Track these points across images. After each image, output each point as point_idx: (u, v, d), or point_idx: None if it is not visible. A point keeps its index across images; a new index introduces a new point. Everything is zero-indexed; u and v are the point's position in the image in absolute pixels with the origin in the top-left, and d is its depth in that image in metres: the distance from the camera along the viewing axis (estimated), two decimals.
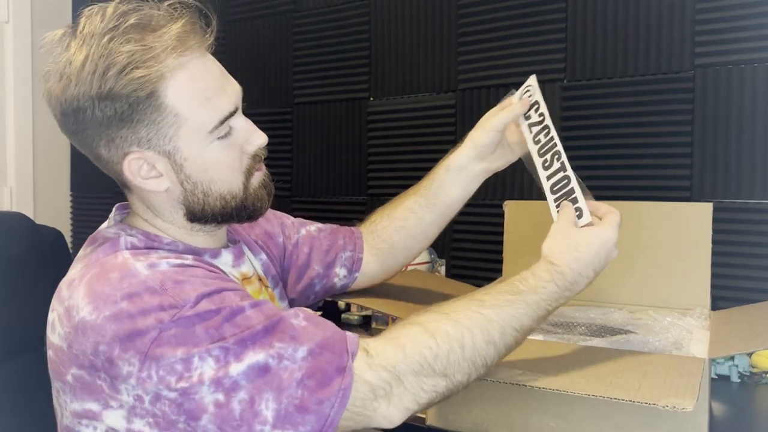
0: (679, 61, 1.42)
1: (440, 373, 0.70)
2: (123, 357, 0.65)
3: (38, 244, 1.07)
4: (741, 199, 1.36)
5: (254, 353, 0.65)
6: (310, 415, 0.65)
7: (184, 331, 0.65)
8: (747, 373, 1.19)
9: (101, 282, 0.69)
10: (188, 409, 0.65)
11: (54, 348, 0.72)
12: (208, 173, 0.76)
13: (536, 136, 0.93)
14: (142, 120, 0.72)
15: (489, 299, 0.75)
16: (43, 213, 2.41)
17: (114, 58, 0.69)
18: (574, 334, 1.05)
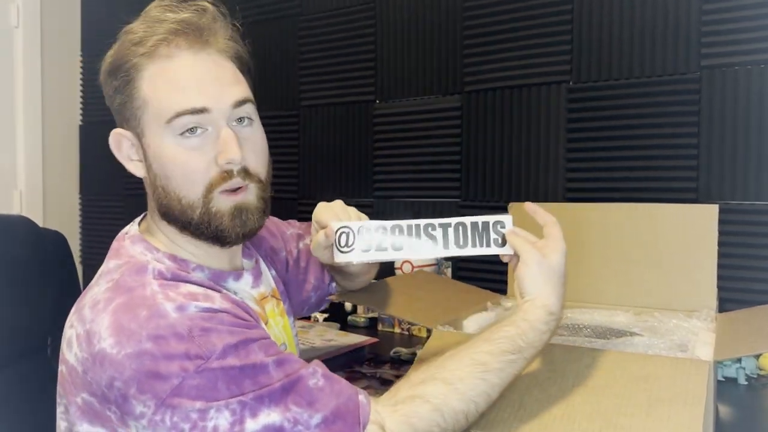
0: (686, 62, 1.42)
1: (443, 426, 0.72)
2: (138, 397, 0.64)
3: (41, 248, 1.07)
4: (748, 201, 1.36)
5: (270, 413, 0.65)
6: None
7: (206, 384, 0.64)
8: (754, 375, 1.19)
9: (128, 316, 0.67)
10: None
11: (68, 366, 0.71)
12: (165, 168, 0.75)
13: (395, 245, 0.85)
14: (123, 100, 0.77)
15: (492, 362, 0.75)
16: (52, 216, 2.43)
17: (116, 44, 0.77)
18: (579, 336, 1.05)
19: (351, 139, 1.90)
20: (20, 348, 1.02)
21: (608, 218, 1.25)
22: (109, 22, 2.87)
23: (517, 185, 1.63)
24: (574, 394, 0.81)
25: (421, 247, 0.84)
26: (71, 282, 1.14)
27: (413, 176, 1.79)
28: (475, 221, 0.84)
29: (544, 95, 1.59)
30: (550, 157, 1.58)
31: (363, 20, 1.87)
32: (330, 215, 0.90)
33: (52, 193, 2.45)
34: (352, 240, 0.84)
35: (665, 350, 0.95)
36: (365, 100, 1.87)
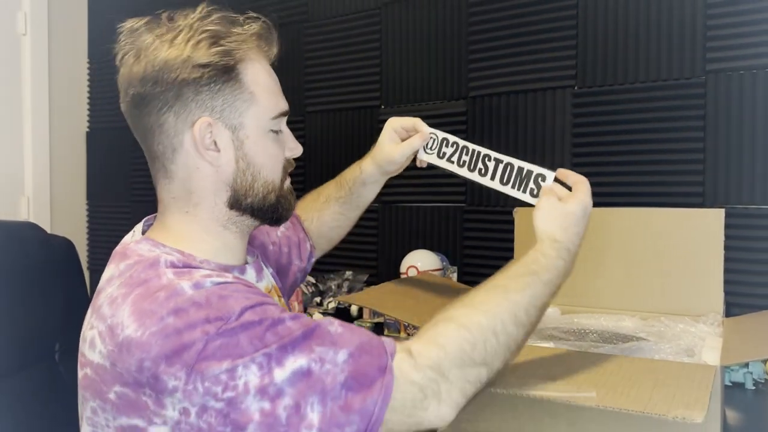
0: (691, 66, 1.42)
1: (480, 362, 0.73)
2: (168, 371, 0.66)
3: (50, 254, 1.08)
4: (754, 205, 1.36)
5: (296, 358, 0.67)
6: (355, 415, 0.67)
7: (229, 342, 0.66)
8: (762, 380, 1.18)
9: (147, 301, 0.69)
10: (234, 419, 0.66)
11: (93, 367, 0.72)
12: (261, 157, 0.82)
13: (460, 160, 1.06)
14: (222, 90, 0.78)
15: (511, 284, 0.79)
16: (59, 222, 2.44)
17: (205, 32, 0.78)
18: (586, 341, 1.05)
19: (356, 144, 1.91)
20: (28, 354, 1.02)
21: (614, 223, 1.25)
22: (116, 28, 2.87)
23: None
24: (578, 374, 0.82)
25: (475, 172, 1.03)
26: (79, 288, 1.14)
27: (418, 181, 1.80)
28: (522, 166, 0.97)
29: (549, 100, 1.59)
30: (555, 162, 1.58)
31: (368, 26, 1.88)
32: (415, 121, 1.11)
33: (59, 200, 2.46)
34: (436, 145, 1.08)
35: (672, 355, 0.95)
36: (370, 105, 1.88)
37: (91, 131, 2.56)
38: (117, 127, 2.46)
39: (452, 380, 0.71)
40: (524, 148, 1.62)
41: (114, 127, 2.47)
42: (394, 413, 0.68)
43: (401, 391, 0.69)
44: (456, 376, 0.71)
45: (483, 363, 0.73)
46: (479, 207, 1.70)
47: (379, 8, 1.86)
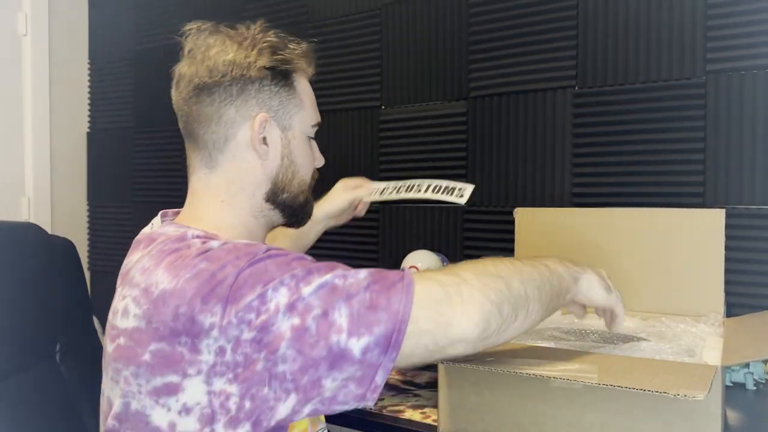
0: (691, 67, 1.42)
1: (495, 274, 0.76)
2: (204, 310, 0.69)
3: (51, 255, 1.08)
4: (755, 205, 1.36)
5: (321, 276, 0.71)
6: (382, 313, 0.69)
7: (258, 269, 0.71)
8: (762, 380, 1.18)
9: (179, 259, 0.74)
10: (267, 343, 0.68)
11: (127, 333, 0.74)
12: (300, 158, 0.91)
13: (397, 190, 1.27)
14: (279, 93, 0.88)
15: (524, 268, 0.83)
16: (60, 223, 2.44)
17: (266, 42, 0.88)
18: (587, 341, 1.04)
19: (357, 144, 1.91)
20: (29, 354, 1.02)
21: (615, 223, 1.25)
22: (117, 29, 2.88)
23: (523, 190, 1.63)
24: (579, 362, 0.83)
25: (410, 192, 1.24)
26: (79, 288, 1.15)
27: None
28: (448, 184, 1.21)
29: (549, 100, 1.59)
30: (556, 162, 1.58)
31: (369, 26, 1.88)
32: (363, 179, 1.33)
33: (60, 200, 2.46)
34: (377, 193, 1.29)
35: (673, 355, 0.95)
36: (371, 105, 1.88)
37: (92, 132, 2.56)
38: (118, 128, 2.46)
39: (472, 283, 0.74)
40: (524, 149, 1.62)
41: (115, 128, 2.47)
42: (420, 310, 0.71)
43: (423, 287, 0.72)
44: (474, 281, 0.74)
45: (497, 275, 0.76)
46: (479, 207, 1.70)
47: (379, 9, 1.86)
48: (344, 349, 0.69)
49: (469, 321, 0.72)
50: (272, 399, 0.69)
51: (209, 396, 0.69)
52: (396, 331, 0.69)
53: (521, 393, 0.86)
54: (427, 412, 1.09)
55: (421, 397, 1.17)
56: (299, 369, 0.69)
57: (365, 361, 0.69)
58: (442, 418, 0.93)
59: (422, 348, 0.71)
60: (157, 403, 0.71)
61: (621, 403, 0.79)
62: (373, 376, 0.70)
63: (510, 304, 0.76)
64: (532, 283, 0.79)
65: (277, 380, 0.69)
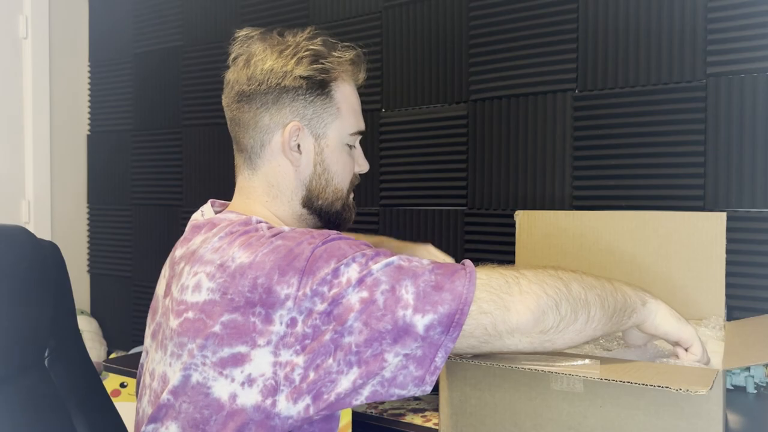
0: (691, 70, 1.42)
1: (555, 276, 0.78)
2: (281, 281, 0.73)
3: (39, 259, 1.06)
4: (755, 208, 1.36)
5: (388, 258, 0.75)
6: (446, 293, 0.72)
7: (332, 246, 0.76)
8: (763, 383, 1.18)
9: (254, 237, 0.78)
10: (337, 315, 0.72)
11: (198, 307, 0.77)
12: (335, 165, 0.93)
13: None
14: (314, 102, 0.90)
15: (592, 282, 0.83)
16: (60, 226, 2.44)
17: (309, 50, 0.90)
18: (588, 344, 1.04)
19: None
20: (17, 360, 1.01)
21: (615, 226, 1.25)
22: (117, 32, 2.88)
23: (524, 193, 1.63)
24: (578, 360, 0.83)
25: None
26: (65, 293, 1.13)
27: (419, 185, 1.80)
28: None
29: (550, 103, 1.60)
30: (556, 165, 1.58)
31: (369, 29, 1.88)
32: None
33: (60, 203, 2.47)
34: None
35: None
36: (371, 108, 1.88)
37: (92, 134, 2.57)
38: (118, 131, 2.46)
39: (530, 278, 0.76)
40: (525, 152, 1.62)
41: (115, 131, 2.48)
42: (482, 291, 0.73)
43: (485, 274, 0.75)
44: (532, 276, 0.77)
45: (557, 277, 0.78)
46: (480, 210, 1.70)
47: (379, 11, 1.86)
48: (409, 324, 0.71)
49: (526, 309, 0.74)
50: (335, 371, 0.72)
51: (274, 367, 0.72)
52: (459, 312, 0.72)
53: (522, 396, 0.86)
54: (428, 415, 1.09)
55: (422, 401, 1.17)
56: (364, 341, 0.71)
57: (428, 338, 0.71)
58: (443, 421, 0.93)
59: (482, 329, 0.73)
60: (221, 374, 0.74)
61: (622, 406, 0.79)
62: (434, 357, 0.72)
63: (569, 303, 0.76)
64: (593, 290, 0.79)
65: (342, 351, 0.71)
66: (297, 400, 0.72)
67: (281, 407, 0.73)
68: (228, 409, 0.74)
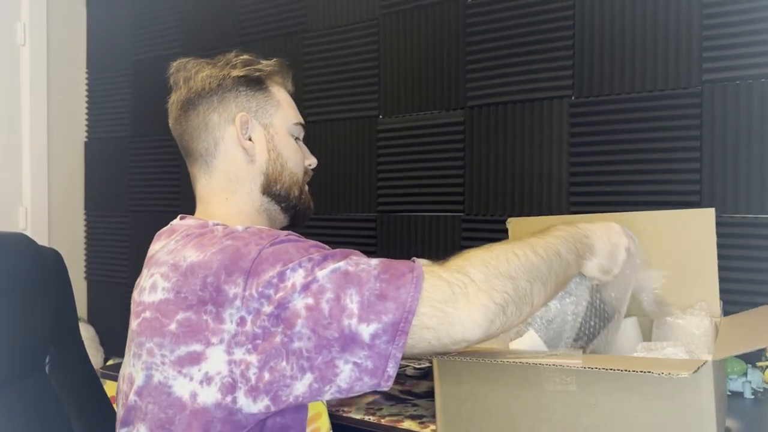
0: (687, 76, 1.43)
1: (505, 274, 0.78)
2: (229, 280, 0.74)
3: (40, 266, 1.07)
4: (751, 214, 1.36)
5: (335, 262, 0.76)
6: (390, 303, 0.72)
7: (279, 249, 0.77)
8: (760, 389, 1.18)
9: (207, 238, 0.81)
10: (285, 318, 0.73)
11: (154, 306, 0.79)
12: (287, 151, 0.99)
13: None
14: (256, 96, 0.97)
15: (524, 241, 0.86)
16: (57, 232, 2.44)
17: (239, 59, 0.99)
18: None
19: (355, 154, 1.91)
20: (18, 366, 1.01)
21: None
22: (115, 39, 2.88)
23: (521, 199, 1.63)
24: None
25: None
26: (67, 299, 1.13)
27: (416, 191, 1.80)
28: None
29: (546, 110, 1.60)
30: (553, 172, 1.59)
31: (366, 36, 1.89)
32: None
33: (57, 210, 2.46)
34: None
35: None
36: (369, 115, 1.88)
37: (90, 141, 2.57)
38: (115, 137, 2.46)
39: (479, 283, 0.75)
40: (522, 158, 1.63)
41: (112, 137, 2.48)
42: (425, 306, 0.73)
43: (431, 284, 0.74)
44: (482, 281, 0.76)
45: (508, 275, 0.77)
46: (477, 216, 1.70)
47: (376, 19, 1.87)
48: (355, 333, 0.72)
49: (473, 323, 0.74)
50: (289, 375, 0.73)
51: (230, 365, 0.73)
52: (403, 321, 0.72)
53: (516, 398, 0.86)
54: (426, 422, 1.09)
55: (420, 407, 1.17)
56: (314, 348, 0.72)
57: (375, 346, 0.72)
58: (440, 428, 0.93)
59: (425, 342, 0.74)
60: (180, 373, 0.75)
61: (615, 402, 0.80)
62: (385, 367, 0.72)
63: (515, 304, 0.77)
64: (539, 280, 0.81)
65: (294, 356, 0.72)
66: (256, 399, 0.74)
67: (242, 404, 0.74)
68: (191, 408, 0.75)
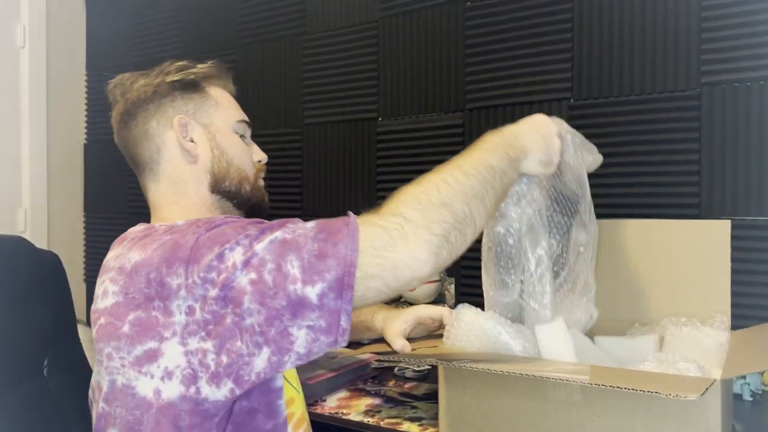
0: (686, 79, 1.43)
1: (438, 204, 0.77)
2: (171, 272, 0.75)
3: (38, 269, 1.07)
4: (750, 216, 1.36)
5: (272, 233, 0.76)
6: (330, 260, 0.72)
7: (216, 233, 0.77)
8: (759, 391, 1.18)
9: (149, 238, 0.82)
10: (231, 298, 0.73)
11: (107, 311, 0.80)
12: (232, 148, 0.98)
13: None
14: (192, 98, 0.98)
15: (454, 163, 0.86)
16: (56, 234, 2.43)
17: (173, 66, 1.00)
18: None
19: (354, 156, 1.91)
20: (17, 370, 1.01)
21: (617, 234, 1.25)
22: (114, 42, 2.87)
23: None
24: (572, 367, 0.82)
25: None
26: (66, 302, 1.13)
27: None
28: None
29: (545, 112, 1.60)
30: None
31: (366, 39, 1.89)
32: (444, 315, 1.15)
33: (57, 211, 2.46)
34: None
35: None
36: (368, 117, 1.88)
37: (89, 143, 2.57)
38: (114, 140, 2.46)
39: (415, 221, 0.75)
40: None
41: (111, 140, 2.46)
42: (366, 256, 0.73)
43: (368, 233, 0.74)
44: (417, 218, 0.75)
45: (441, 203, 0.77)
46: None
47: (376, 21, 1.87)
48: (302, 297, 0.72)
49: (417, 261, 0.74)
50: (246, 353, 0.73)
51: (187, 356, 0.74)
52: (346, 275, 0.72)
53: (521, 405, 0.86)
54: (425, 424, 1.09)
55: (419, 410, 1.17)
56: (265, 321, 0.72)
57: (324, 306, 0.72)
58: (442, 430, 0.94)
59: (374, 290, 0.74)
60: (141, 372, 0.76)
61: (620, 416, 0.79)
62: (338, 322, 0.73)
63: (457, 230, 0.78)
64: (475, 198, 0.81)
65: (247, 333, 0.73)
66: (219, 384, 0.74)
67: (206, 392, 0.74)
68: (156, 405, 0.75)
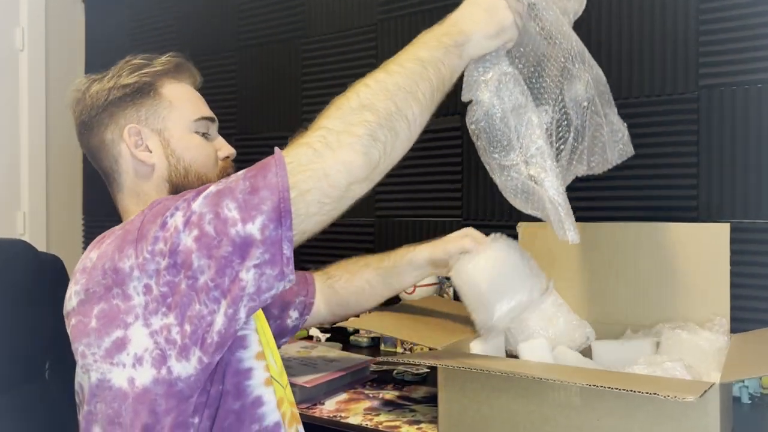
0: (684, 82, 1.43)
1: (357, 107, 0.77)
2: (122, 256, 0.76)
3: (40, 272, 1.07)
4: (748, 219, 1.36)
5: (206, 190, 0.76)
6: (264, 191, 0.72)
7: (157, 208, 0.78)
8: (757, 394, 1.18)
9: (106, 237, 0.82)
10: (181, 262, 0.73)
11: (76, 311, 0.80)
12: (190, 152, 0.95)
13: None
14: (144, 103, 0.94)
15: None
16: (55, 237, 2.43)
17: (127, 67, 0.96)
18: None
19: None
20: (18, 372, 1.01)
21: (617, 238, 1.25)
22: (113, 45, 2.87)
23: None
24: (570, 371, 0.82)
25: None
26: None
27: (414, 196, 1.80)
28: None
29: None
30: None
31: (365, 42, 1.89)
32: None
33: (55, 215, 2.46)
34: None
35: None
36: None
37: None
38: None
39: (336, 128, 0.76)
40: None
41: None
42: (295, 175, 0.73)
43: (292, 154, 0.75)
44: (338, 126, 0.76)
45: (360, 107, 0.77)
46: (475, 221, 1.70)
47: (374, 24, 1.87)
48: (245, 236, 0.72)
49: (346, 163, 0.74)
50: (207, 313, 0.73)
51: (153, 337, 0.74)
52: (282, 200, 0.72)
53: (520, 408, 0.86)
54: (423, 427, 1.09)
55: (418, 413, 1.17)
56: (216, 273, 0.72)
57: (266, 239, 0.72)
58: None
59: (315, 205, 0.74)
60: (113, 364, 0.76)
61: (618, 419, 0.79)
62: (281, 251, 0.72)
63: (383, 126, 0.77)
64: (401, 92, 0.81)
65: (203, 293, 0.72)
66: (188, 356, 0.74)
67: (178, 370, 0.74)
68: (132, 394, 0.76)
